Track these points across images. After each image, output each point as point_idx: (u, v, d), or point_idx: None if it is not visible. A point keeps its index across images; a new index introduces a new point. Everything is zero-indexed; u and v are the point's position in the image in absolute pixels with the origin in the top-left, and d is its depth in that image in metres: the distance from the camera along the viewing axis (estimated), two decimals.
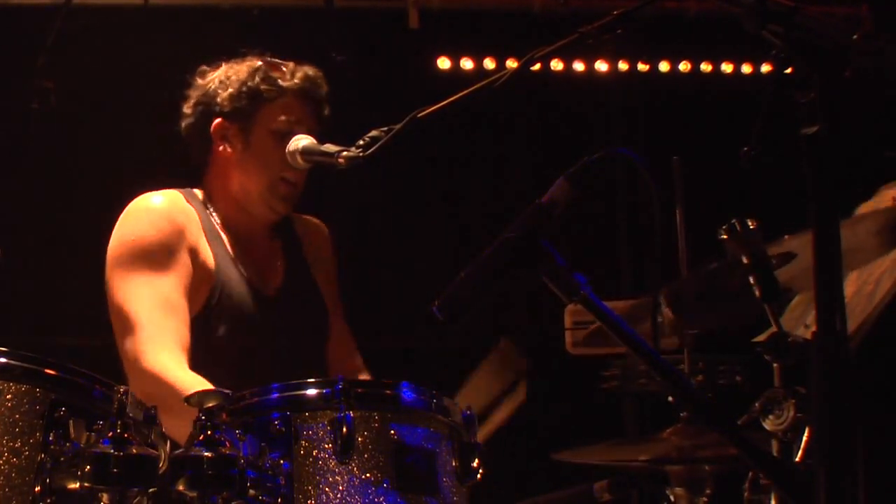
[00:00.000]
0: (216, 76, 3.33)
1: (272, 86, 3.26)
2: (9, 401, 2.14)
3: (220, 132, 3.30)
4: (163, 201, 3.25)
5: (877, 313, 2.83)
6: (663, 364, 2.25)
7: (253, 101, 3.26)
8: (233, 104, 3.28)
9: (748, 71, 5.66)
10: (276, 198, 3.29)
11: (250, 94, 3.26)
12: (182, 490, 2.20)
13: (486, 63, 5.49)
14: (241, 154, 3.29)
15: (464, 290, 2.17)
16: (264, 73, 3.28)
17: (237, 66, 3.33)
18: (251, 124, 3.27)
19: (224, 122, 3.29)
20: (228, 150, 3.30)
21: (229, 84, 3.29)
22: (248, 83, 3.27)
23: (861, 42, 1.91)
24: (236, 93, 3.27)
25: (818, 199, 1.90)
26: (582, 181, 2.24)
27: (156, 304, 3.09)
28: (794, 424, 2.34)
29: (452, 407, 2.47)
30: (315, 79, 3.32)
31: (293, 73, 3.29)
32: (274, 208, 3.30)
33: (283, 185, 3.28)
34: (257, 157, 3.27)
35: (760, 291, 2.47)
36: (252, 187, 3.29)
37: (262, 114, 3.26)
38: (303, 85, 3.28)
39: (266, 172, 3.27)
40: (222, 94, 3.29)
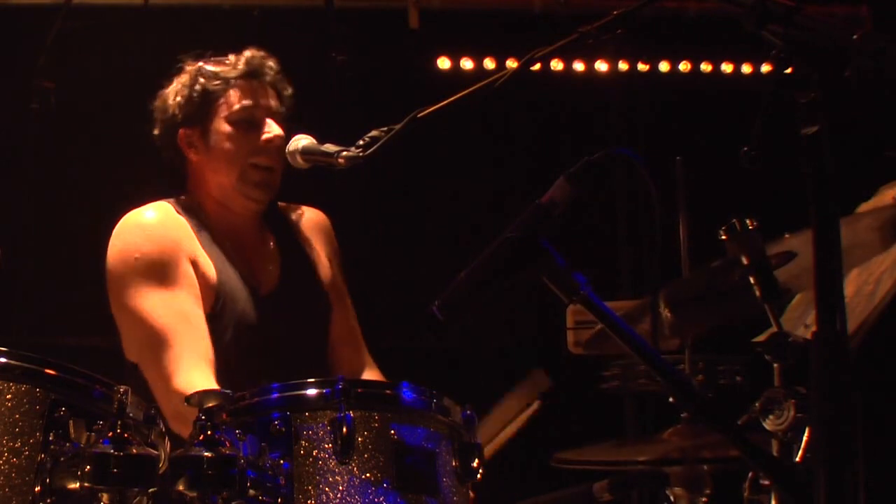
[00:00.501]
0: (169, 91, 3.38)
1: (217, 80, 3.30)
2: (9, 401, 2.15)
3: (185, 141, 3.34)
4: (155, 215, 3.28)
5: (877, 313, 2.83)
6: (663, 364, 2.25)
7: (204, 102, 3.31)
8: (186, 111, 3.33)
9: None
10: (250, 185, 3.30)
11: (199, 96, 3.31)
12: (182, 490, 2.20)
13: (486, 63, 5.49)
14: (207, 154, 3.33)
15: (464, 290, 2.17)
16: (207, 73, 3.32)
17: (181, 74, 3.37)
18: (209, 123, 3.31)
19: (186, 131, 3.34)
20: (197, 154, 3.34)
21: (178, 93, 3.34)
22: (194, 86, 3.32)
23: (861, 42, 1.91)
24: (186, 99, 3.32)
25: (818, 200, 1.90)
26: (582, 181, 2.24)
27: (175, 320, 3.11)
28: (794, 424, 2.33)
29: (452, 407, 2.47)
30: (257, 59, 3.35)
31: (235, 62, 3.33)
32: (251, 196, 3.32)
33: (253, 171, 3.30)
34: (222, 151, 3.30)
35: (760, 291, 2.47)
36: (225, 181, 3.31)
37: (216, 110, 3.31)
38: (246, 69, 3.32)
39: (234, 163, 3.29)
40: (174, 105, 3.34)
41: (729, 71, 5.67)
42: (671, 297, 2.71)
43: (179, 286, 3.16)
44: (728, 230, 2.48)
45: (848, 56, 1.91)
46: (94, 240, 3.35)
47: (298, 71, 3.51)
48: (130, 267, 3.17)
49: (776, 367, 2.44)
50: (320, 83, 3.71)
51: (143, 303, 3.14)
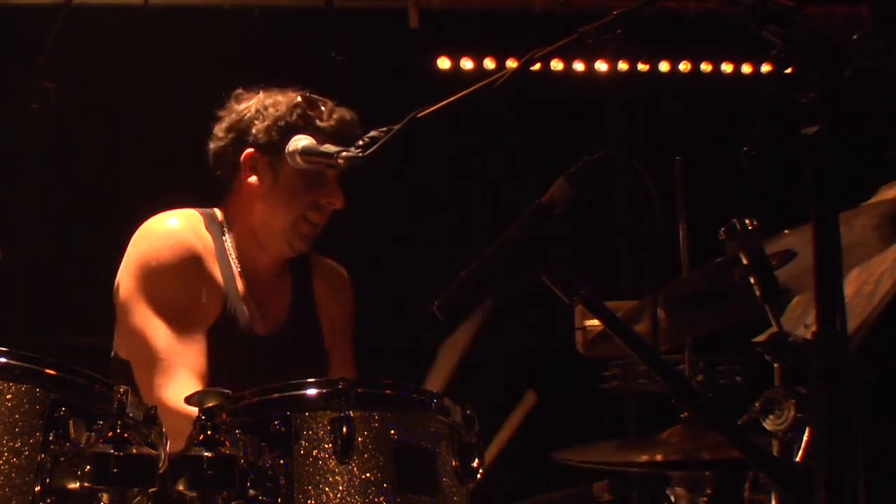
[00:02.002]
0: (253, 104, 3.30)
1: (308, 124, 3.22)
2: (9, 401, 2.15)
3: (249, 162, 3.28)
4: (179, 224, 3.25)
5: (877, 313, 2.83)
6: (663, 364, 2.25)
7: (288, 137, 3.21)
8: (268, 136, 3.25)
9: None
10: (297, 236, 3.29)
11: (286, 129, 3.23)
12: (182, 490, 2.21)
13: (486, 63, 5.49)
14: (268, 188, 3.27)
15: (464, 290, 2.17)
16: (302, 111, 3.24)
17: (276, 97, 3.29)
18: (283, 160, 3.22)
19: (255, 153, 3.27)
20: (256, 181, 3.28)
21: (266, 116, 3.26)
22: (286, 118, 3.24)
23: (861, 42, 1.91)
24: (272, 125, 3.24)
25: (818, 200, 1.90)
26: (582, 181, 2.24)
27: (173, 333, 3.10)
28: (794, 424, 2.33)
29: (452, 407, 2.47)
30: (351, 123, 3.27)
31: (330, 113, 3.26)
32: (293, 246, 3.30)
33: (305, 224, 3.28)
34: (284, 193, 3.26)
35: (760, 291, 2.47)
36: (274, 222, 3.28)
37: None
38: (339, 128, 3.24)
39: (291, 209, 3.26)
40: (258, 125, 3.26)
41: (729, 71, 5.66)
42: (671, 298, 2.71)
43: (187, 299, 3.15)
44: (728, 230, 2.48)
45: (848, 56, 1.91)
46: (95, 240, 3.36)
47: (298, 71, 3.51)
48: (143, 274, 3.17)
49: (776, 367, 2.44)
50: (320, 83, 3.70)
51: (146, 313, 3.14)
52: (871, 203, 2.83)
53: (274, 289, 3.37)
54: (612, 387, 4.16)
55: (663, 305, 2.64)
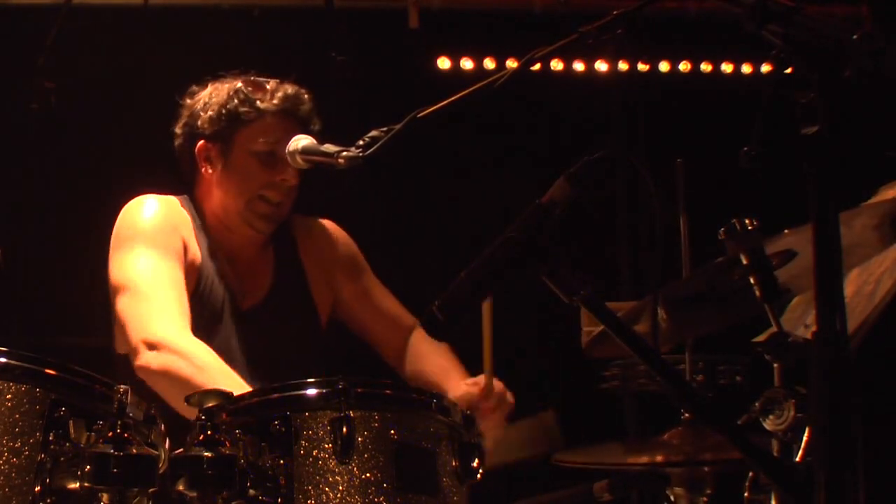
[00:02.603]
0: (202, 97, 3.38)
1: (250, 107, 3.30)
2: (9, 401, 2.15)
3: (202, 153, 3.36)
4: (159, 201, 3.33)
5: (877, 313, 2.83)
6: (663, 364, 2.25)
7: (232, 124, 3.31)
8: (213, 126, 3.33)
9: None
10: (255, 216, 3.32)
11: (229, 117, 3.31)
12: (182, 490, 2.21)
13: (486, 63, 5.48)
14: (220, 174, 3.35)
15: (464, 290, 2.17)
16: (244, 95, 3.31)
17: (220, 86, 3.37)
18: (231, 146, 3.32)
19: (206, 144, 3.35)
20: (210, 170, 3.36)
21: (210, 106, 3.34)
22: (227, 105, 3.32)
23: (861, 42, 1.91)
24: (216, 115, 3.32)
25: (818, 200, 1.90)
26: (582, 181, 2.24)
27: (156, 276, 3.13)
28: (794, 424, 2.33)
29: (452, 407, 2.47)
30: (295, 97, 3.33)
31: (273, 93, 3.32)
32: (254, 226, 3.34)
33: (262, 203, 3.31)
34: (236, 176, 3.32)
35: (760, 291, 2.47)
36: (231, 206, 3.33)
37: (242, 135, 3.31)
38: (282, 105, 3.30)
39: (244, 191, 3.31)
40: (203, 117, 3.34)
41: (729, 71, 5.66)
42: (671, 298, 2.71)
43: (167, 255, 3.19)
44: (728, 230, 2.48)
45: (848, 56, 1.91)
46: (95, 239, 3.36)
47: (298, 71, 3.51)
48: (124, 233, 3.24)
49: (776, 367, 2.44)
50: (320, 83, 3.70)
51: (127, 261, 3.17)
52: (871, 203, 2.83)
53: (255, 264, 3.41)
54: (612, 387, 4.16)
55: (664, 305, 2.64)
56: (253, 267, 3.40)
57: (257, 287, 3.38)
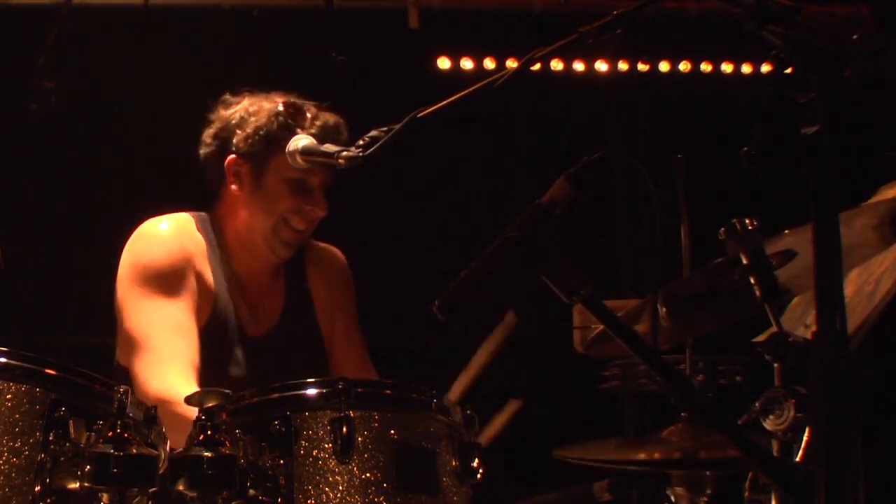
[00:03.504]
0: (237, 110, 3.30)
1: (290, 132, 3.21)
2: (9, 401, 2.15)
3: (232, 169, 3.30)
4: (171, 227, 3.27)
5: (877, 313, 2.83)
6: (663, 364, 2.25)
7: (268, 147, 3.24)
8: (248, 145, 3.26)
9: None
10: (279, 242, 3.29)
11: (266, 140, 3.24)
12: (182, 490, 2.21)
13: (486, 63, 5.49)
14: (250, 194, 3.29)
15: (464, 290, 2.17)
16: (283, 120, 3.23)
17: (259, 103, 3.29)
18: (264, 169, 3.26)
19: (237, 160, 3.28)
20: (238, 187, 3.29)
21: (247, 124, 3.26)
22: (267, 128, 3.24)
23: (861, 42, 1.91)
24: (253, 134, 3.25)
25: (818, 200, 1.90)
26: (582, 181, 2.24)
27: (166, 327, 3.11)
28: (794, 424, 2.33)
29: (452, 407, 2.47)
30: (335, 127, 3.25)
31: (313, 121, 3.23)
32: (276, 251, 3.31)
33: (287, 229, 3.28)
34: (266, 200, 3.27)
35: (760, 291, 2.47)
36: (257, 228, 3.29)
37: (277, 160, 3.23)
38: (322, 134, 3.21)
39: (272, 215, 3.26)
40: (239, 133, 3.27)
41: (729, 71, 5.66)
42: (671, 297, 2.71)
43: (179, 297, 3.17)
44: (728, 230, 2.48)
45: (848, 56, 1.91)
46: (95, 239, 3.36)
47: (298, 71, 3.51)
48: (137, 272, 3.19)
49: (776, 367, 2.44)
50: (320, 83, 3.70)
51: (139, 308, 3.15)
52: (871, 203, 2.83)
53: (267, 289, 3.38)
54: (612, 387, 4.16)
55: (664, 305, 2.63)
56: (264, 293, 3.38)
57: (268, 314, 3.36)
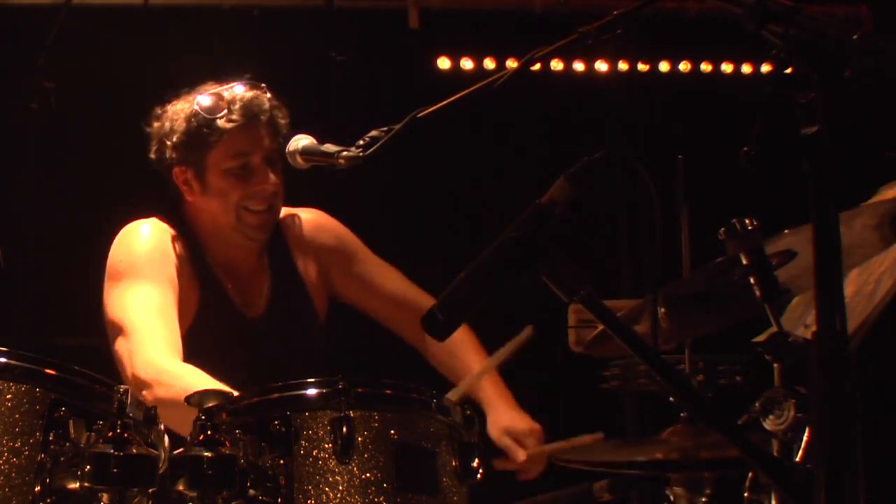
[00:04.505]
0: (164, 122, 3.34)
1: (211, 130, 3.26)
2: (9, 401, 2.15)
3: (179, 178, 3.35)
4: (151, 227, 3.32)
5: (877, 313, 2.83)
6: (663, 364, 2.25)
7: (198, 149, 3.29)
8: (180, 153, 3.31)
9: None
10: (247, 226, 3.33)
11: (193, 143, 3.29)
12: (182, 490, 2.21)
13: (486, 63, 5.48)
14: (202, 196, 3.34)
15: (464, 290, 2.17)
16: (203, 118, 3.26)
17: (180, 106, 3.32)
18: (203, 169, 3.31)
19: (179, 169, 3.33)
20: (191, 193, 3.34)
21: (173, 133, 3.30)
22: (189, 131, 3.28)
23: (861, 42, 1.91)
24: (180, 143, 3.29)
25: (818, 200, 1.90)
26: (582, 181, 2.24)
27: (146, 310, 3.12)
28: (794, 424, 2.33)
29: (452, 407, 2.47)
30: (252, 103, 3.29)
31: (230, 105, 3.26)
32: (248, 236, 3.34)
33: (248, 214, 3.31)
34: (217, 197, 3.31)
35: (760, 291, 2.47)
36: (221, 221, 3.33)
37: (211, 157, 3.29)
38: (242, 118, 3.26)
39: (228, 208, 3.30)
40: (169, 145, 3.31)
41: (729, 71, 5.66)
42: (671, 297, 2.71)
43: (156, 282, 3.19)
44: (728, 230, 2.48)
45: (848, 56, 1.91)
46: (94, 240, 3.36)
47: (298, 71, 3.51)
48: (114, 269, 3.23)
49: (776, 367, 2.44)
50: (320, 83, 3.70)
51: (116, 295, 3.18)
52: (871, 203, 2.82)
53: (254, 273, 3.41)
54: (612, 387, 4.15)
55: (663, 305, 2.63)
56: (253, 274, 3.40)
57: (257, 296, 3.38)
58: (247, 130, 3.28)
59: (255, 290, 3.38)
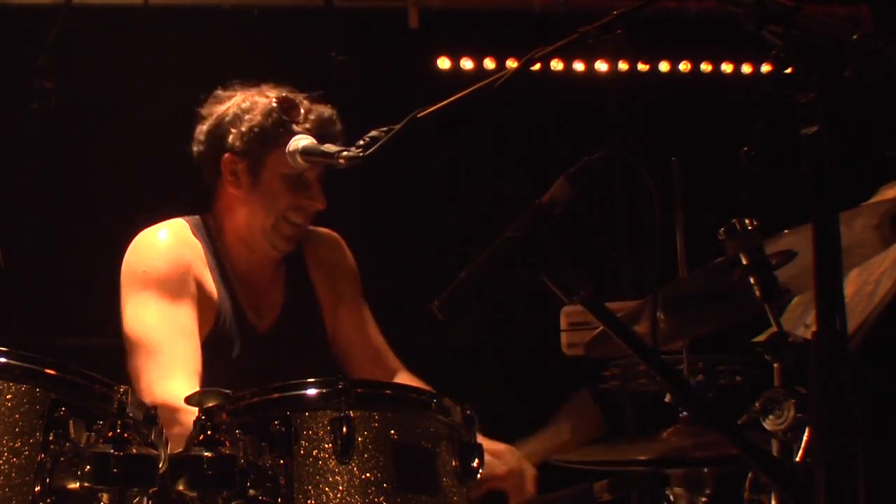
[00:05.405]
0: (230, 107, 3.28)
1: (285, 130, 3.20)
2: (9, 401, 2.15)
3: (229, 167, 3.29)
4: (168, 235, 3.27)
5: (877, 313, 2.83)
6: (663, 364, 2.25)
7: (264, 144, 3.23)
8: (244, 143, 3.25)
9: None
10: (279, 237, 3.30)
11: (262, 137, 3.23)
12: (182, 490, 2.21)
13: (486, 63, 5.49)
14: (248, 192, 3.29)
15: (464, 289, 2.17)
16: (278, 116, 3.22)
17: (252, 98, 3.28)
18: (261, 166, 3.25)
19: (234, 158, 3.27)
20: (236, 186, 3.29)
21: (242, 121, 3.25)
22: (262, 125, 3.23)
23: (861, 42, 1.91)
24: (248, 132, 3.24)
25: (818, 200, 1.90)
26: (582, 181, 2.24)
27: (168, 329, 3.12)
28: (794, 424, 2.33)
29: (452, 407, 2.47)
30: (329, 119, 3.25)
31: (307, 115, 3.23)
32: (276, 247, 3.31)
33: (286, 225, 3.29)
34: (264, 197, 3.27)
35: (760, 291, 2.47)
36: (257, 225, 3.29)
37: (273, 157, 3.23)
38: (317, 128, 3.22)
39: (272, 212, 3.27)
40: (234, 131, 3.25)
41: (729, 71, 5.67)
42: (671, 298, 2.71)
43: (179, 302, 3.17)
44: (728, 230, 2.48)
45: (848, 56, 1.91)
46: (94, 239, 3.36)
47: (298, 71, 3.51)
48: (136, 278, 3.19)
49: (776, 367, 2.44)
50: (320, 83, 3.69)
51: (140, 312, 3.16)
52: (871, 203, 2.83)
53: (268, 284, 3.39)
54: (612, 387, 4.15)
55: (663, 306, 2.63)
56: (267, 287, 3.39)
57: (270, 307, 3.37)
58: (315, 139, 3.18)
59: (267, 303, 3.37)
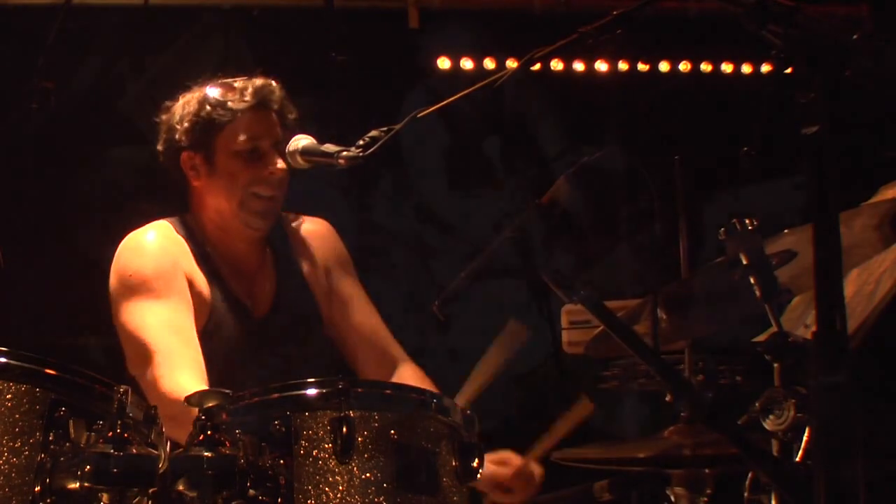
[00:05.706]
0: (175, 111, 3.39)
1: (223, 110, 3.31)
2: (9, 401, 2.15)
3: (187, 164, 3.37)
4: (155, 236, 3.32)
5: (877, 313, 2.83)
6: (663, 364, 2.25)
7: (209, 130, 3.32)
8: (191, 136, 3.35)
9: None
10: (251, 214, 3.33)
11: (204, 124, 3.32)
12: (182, 490, 2.20)
13: (486, 63, 5.49)
14: (208, 180, 3.36)
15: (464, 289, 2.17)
16: (214, 100, 3.33)
17: (191, 96, 3.38)
18: (213, 151, 3.33)
19: (189, 154, 3.36)
20: (198, 179, 3.37)
21: (184, 118, 3.35)
22: (201, 113, 3.33)
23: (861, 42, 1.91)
24: (191, 125, 3.34)
25: (818, 200, 1.90)
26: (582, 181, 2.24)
27: (165, 330, 3.14)
28: (794, 424, 2.33)
29: (452, 407, 2.47)
30: (264, 89, 3.34)
31: (242, 91, 3.33)
32: (250, 224, 3.34)
33: (254, 200, 3.32)
34: (224, 179, 3.33)
35: (760, 291, 2.47)
36: (226, 209, 3.34)
37: (221, 139, 3.32)
38: (253, 100, 3.32)
39: (235, 191, 3.32)
40: (180, 129, 3.36)
41: (729, 71, 5.66)
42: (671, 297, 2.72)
43: (171, 299, 3.20)
44: (728, 230, 2.48)
45: (848, 56, 1.91)
46: (94, 240, 3.36)
47: (298, 71, 3.51)
48: (125, 284, 3.23)
49: (776, 367, 2.44)
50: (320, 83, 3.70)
51: (135, 315, 3.18)
52: (871, 203, 2.83)
53: (257, 270, 3.41)
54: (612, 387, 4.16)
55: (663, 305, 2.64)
56: (258, 273, 3.41)
57: (264, 295, 3.39)
58: (258, 114, 3.32)
59: (260, 289, 3.39)
